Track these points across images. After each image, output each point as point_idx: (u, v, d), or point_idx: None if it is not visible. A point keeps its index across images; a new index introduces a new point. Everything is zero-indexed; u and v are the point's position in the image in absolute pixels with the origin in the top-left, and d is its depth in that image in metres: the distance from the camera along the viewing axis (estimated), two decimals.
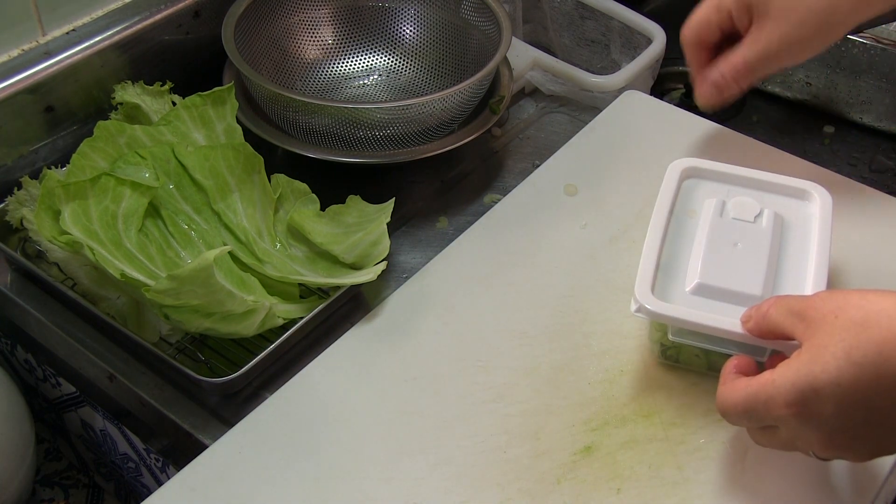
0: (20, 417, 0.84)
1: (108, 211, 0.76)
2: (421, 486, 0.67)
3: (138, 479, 0.87)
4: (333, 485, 0.67)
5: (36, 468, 0.89)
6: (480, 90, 0.93)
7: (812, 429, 0.57)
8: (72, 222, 0.74)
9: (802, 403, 0.56)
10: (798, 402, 0.56)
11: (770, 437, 0.61)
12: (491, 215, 0.87)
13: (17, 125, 0.88)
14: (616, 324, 0.77)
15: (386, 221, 0.79)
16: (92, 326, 0.80)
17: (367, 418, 0.71)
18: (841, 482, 0.67)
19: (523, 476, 0.67)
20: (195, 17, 0.98)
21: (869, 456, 0.58)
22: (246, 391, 0.75)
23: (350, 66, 1.04)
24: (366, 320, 0.78)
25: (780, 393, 0.57)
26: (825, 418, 0.56)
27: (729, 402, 0.60)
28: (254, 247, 0.79)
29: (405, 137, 0.90)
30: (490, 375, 0.74)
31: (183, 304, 0.71)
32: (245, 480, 0.67)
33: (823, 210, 0.75)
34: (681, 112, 0.98)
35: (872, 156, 1.12)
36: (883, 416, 0.55)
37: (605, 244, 0.84)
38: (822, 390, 0.55)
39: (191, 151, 0.80)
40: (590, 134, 0.95)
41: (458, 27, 1.01)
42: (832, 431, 0.56)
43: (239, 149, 0.81)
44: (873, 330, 0.54)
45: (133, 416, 0.79)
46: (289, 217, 0.82)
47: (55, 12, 0.90)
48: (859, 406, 0.55)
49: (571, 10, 1.13)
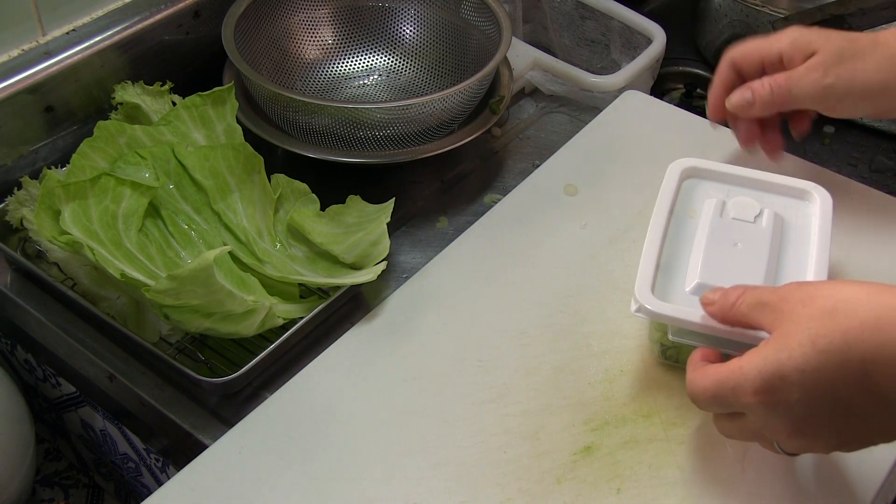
0: (20, 417, 0.84)
1: (108, 211, 0.75)
2: (421, 485, 0.67)
3: (138, 479, 0.87)
4: (333, 485, 0.67)
5: (36, 468, 0.89)
6: (480, 90, 0.93)
7: (778, 417, 0.57)
8: (72, 222, 0.74)
9: (769, 390, 0.56)
10: (764, 389, 0.56)
11: (737, 425, 0.61)
12: (491, 215, 0.87)
13: (17, 125, 0.88)
14: (616, 324, 0.77)
15: (386, 221, 0.79)
16: (92, 326, 0.80)
17: (367, 418, 0.71)
18: (841, 482, 0.67)
19: (523, 476, 0.67)
20: (195, 17, 0.98)
21: (835, 446, 0.58)
22: (246, 391, 0.75)
23: (350, 66, 1.04)
24: (366, 320, 0.78)
25: (748, 379, 0.57)
26: (790, 406, 0.56)
27: (699, 388, 0.61)
28: (254, 247, 0.79)
29: (405, 137, 0.90)
30: (490, 375, 0.74)
31: (183, 304, 0.71)
32: (245, 480, 0.67)
33: (823, 210, 0.75)
34: (681, 112, 0.98)
35: (872, 156, 1.12)
36: (847, 405, 0.55)
37: (605, 244, 0.84)
38: (788, 377, 0.55)
39: (191, 151, 0.80)
40: (590, 134, 0.95)
41: (459, 27, 1.01)
42: (797, 420, 0.57)
43: (239, 149, 0.81)
44: (840, 318, 0.54)
45: (133, 416, 0.79)
46: (289, 217, 0.82)
47: (55, 12, 0.90)
48: (824, 394, 0.55)
49: (571, 10, 1.13)
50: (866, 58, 0.72)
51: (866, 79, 0.72)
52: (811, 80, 0.73)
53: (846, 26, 1.01)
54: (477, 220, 0.86)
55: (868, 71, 0.72)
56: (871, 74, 0.72)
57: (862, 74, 0.72)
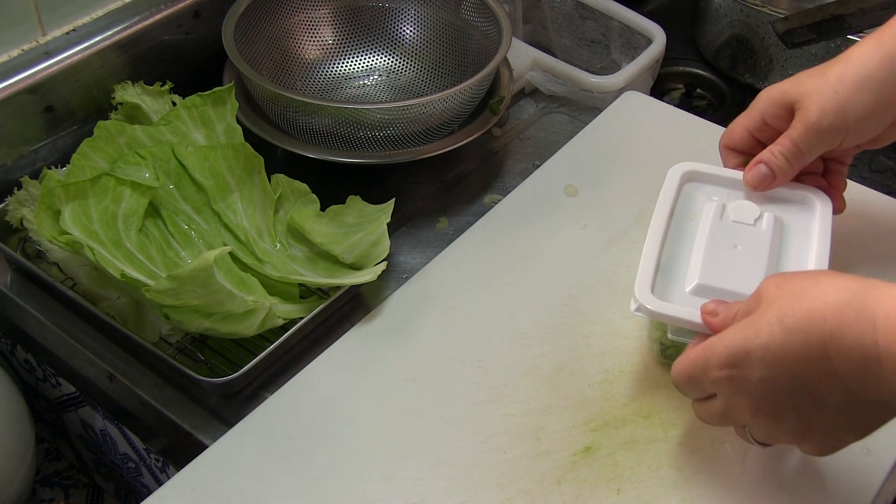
0: (20, 417, 0.84)
1: (108, 211, 0.75)
2: (421, 486, 0.67)
3: (138, 479, 0.87)
4: (333, 484, 0.67)
5: (36, 468, 0.89)
6: (480, 91, 0.93)
7: (742, 394, 0.58)
8: (72, 222, 0.74)
9: (734, 366, 0.58)
10: (730, 364, 0.58)
11: (708, 407, 0.62)
12: (491, 216, 0.87)
13: (18, 125, 0.88)
14: (616, 325, 0.77)
15: (386, 222, 0.79)
16: (92, 326, 0.80)
17: (367, 418, 0.71)
18: (841, 483, 0.67)
19: (523, 476, 0.67)
20: (195, 17, 0.98)
21: (799, 434, 0.59)
22: (246, 391, 0.75)
23: (350, 67, 1.04)
24: (366, 320, 0.78)
25: (715, 355, 0.59)
26: (754, 383, 0.57)
27: (676, 370, 0.63)
28: (254, 247, 0.79)
29: (405, 138, 0.90)
30: (490, 375, 0.74)
31: (183, 304, 0.71)
32: (245, 480, 0.67)
33: (823, 215, 0.75)
34: (681, 112, 0.98)
35: (872, 156, 1.12)
36: (808, 387, 0.56)
37: (605, 245, 0.84)
38: (753, 353, 0.56)
39: (191, 151, 0.80)
40: (590, 134, 0.95)
41: (459, 27, 1.01)
42: (760, 399, 0.58)
43: (239, 149, 0.81)
44: (806, 299, 0.55)
45: (133, 416, 0.79)
46: (289, 217, 0.82)
47: (55, 12, 0.90)
48: (786, 372, 0.56)
49: (571, 11, 1.14)
50: (844, 84, 0.71)
51: (853, 107, 0.71)
52: (810, 129, 0.72)
53: (846, 26, 1.01)
54: (477, 220, 0.86)
55: (851, 101, 0.71)
56: (853, 99, 0.71)
57: (847, 105, 0.71)
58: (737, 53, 1.18)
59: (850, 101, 0.70)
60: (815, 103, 0.71)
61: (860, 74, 0.70)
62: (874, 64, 0.70)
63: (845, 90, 0.70)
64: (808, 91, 0.72)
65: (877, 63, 0.70)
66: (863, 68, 0.70)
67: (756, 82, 1.18)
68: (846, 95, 0.70)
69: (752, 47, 1.16)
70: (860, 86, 0.70)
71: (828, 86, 0.71)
